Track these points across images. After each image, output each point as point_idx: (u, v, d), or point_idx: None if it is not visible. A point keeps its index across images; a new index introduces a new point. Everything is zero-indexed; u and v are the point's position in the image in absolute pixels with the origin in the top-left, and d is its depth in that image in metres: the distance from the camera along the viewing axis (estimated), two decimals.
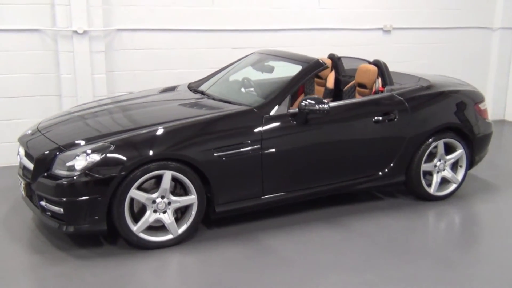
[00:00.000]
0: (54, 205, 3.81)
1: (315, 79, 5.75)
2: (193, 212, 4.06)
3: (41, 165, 3.91)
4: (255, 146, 4.17)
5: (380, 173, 4.77)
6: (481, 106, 5.21)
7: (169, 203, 3.98)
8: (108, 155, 3.78)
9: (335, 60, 5.68)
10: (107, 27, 6.02)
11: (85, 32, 5.85)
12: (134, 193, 3.84)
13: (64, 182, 3.74)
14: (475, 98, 5.21)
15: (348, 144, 4.58)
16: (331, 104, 4.64)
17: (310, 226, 4.48)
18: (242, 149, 4.13)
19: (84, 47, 5.90)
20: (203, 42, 6.56)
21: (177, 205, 4.01)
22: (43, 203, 3.91)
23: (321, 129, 4.45)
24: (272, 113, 4.30)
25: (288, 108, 4.36)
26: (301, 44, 7.04)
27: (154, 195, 3.92)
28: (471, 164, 5.27)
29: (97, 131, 4.11)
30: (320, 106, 4.26)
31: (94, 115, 4.45)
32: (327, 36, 7.24)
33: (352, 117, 4.63)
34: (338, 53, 7.14)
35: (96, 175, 3.73)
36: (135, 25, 6.21)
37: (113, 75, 6.22)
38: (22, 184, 4.16)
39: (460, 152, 5.05)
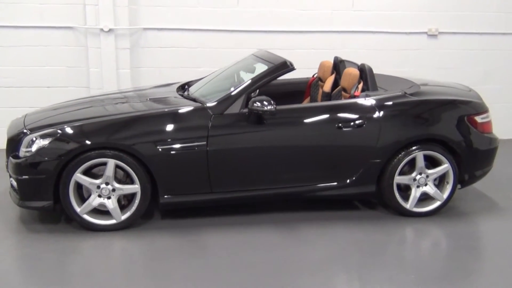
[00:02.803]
0: (14, 182, 4.29)
1: (319, 82, 5.64)
2: (137, 200, 4.29)
3: (10, 146, 4.41)
4: (201, 143, 4.27)
5: (345, 181, 4.56)
6: (478, 118, 4.71)
7: (114, 190, 4.25)
8: (56, 140, 4.16)
9: (337, 63, 5.51)
10: (133, 26, 6.49)
11: (110, 30, 6.37)
12: (78, 177, 4.17)
13: (20, 162, 4.20)
14: (471, 109, 4.73)
15: (305, 148, 4.46)
16: (292, 107, 4.58)
17: (258, 228, 4.44)
18: (186, 145, 4.26)
19: (110, 44, 6.43)
20: (227, 42, 6.75)
21: (121, 192, 4.27)
22: (11, 179, 4.42)
23: (275, 131, 4.40)
24: (223, 112, 4.36)
25: (241, 108, 4.38)
26: (332, 47, 6.88)
27: (98, 181, 4.21)
28: (468, 180, 4.82)
29: (62, 119, 4.48)
30: (268, 107, 4.23)
31: (73, 106, 4.85)
32: (362, 40, 7.00)
33: (311, 121, 4.49)
34: (374, 58, 6.94)
35: (44, 158, 4.14)
36: (161, 24, 6.60)
37: (139, 70, 6.67)
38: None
39: (444, 167, 4.63)
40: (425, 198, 4.74)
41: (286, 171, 4.48)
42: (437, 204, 4.71)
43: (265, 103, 4.26)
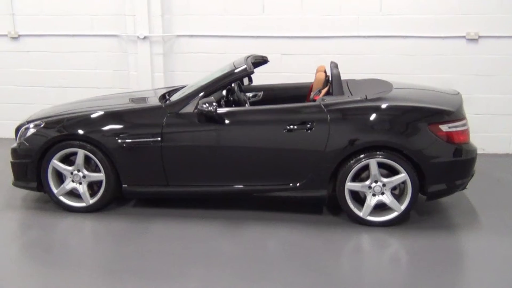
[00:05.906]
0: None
1: None
2: (102, 187, 4.82)
3: (16, 134, 5.24)
4: (156, 139, 4.66)
5: (296, 183, 4.59)
6: (444, 127, 4.39)
7: (84, 177, 4.84)
8: (38, 130, 4.88)
9: (332, 68, 5.50)
10: (167, 33, 7.10)
11: (146, 37, 7.06)
12: (54, 163, 4.83)
13: (15, 148, 4.99)
14: (435, 117, 4.42)
15: (253, 148, 4.59)
16: (242, 108, 4.75)
17: (204, 222, 4.68)
18: (142, 140, 4.67)
19: (145, 50, 7.12)
20: (253, 47, 6.98)
21: (89, 179, 4.84)
22: None
23: (224, 131, 4.60)
24: (178, 111, 4.69)
25: (195, 108, 4.67)
26: (359, 52, 6.82)
27: (71, 168, 4.83)
28: (445, 190, 4.55)
29: (52, 114, 5.10)
30: (210, 108, 4.48)
31: (73, 104, 5.53)
32: (391, 45, 6.79)
33: (259, 123, 4.62)
34: (405, 64, 6.74)
35: (29, 145, 4.87)
36: (192, 31, 7.12)
37: (173, 74, 7.27)
38: None
39: (401, 176, 4.42)
40: (388, 207, 4.57)
41: (235, 170, 4.65)
42: (394, 214, 4.51)
43: (213, 104, 4.52)
